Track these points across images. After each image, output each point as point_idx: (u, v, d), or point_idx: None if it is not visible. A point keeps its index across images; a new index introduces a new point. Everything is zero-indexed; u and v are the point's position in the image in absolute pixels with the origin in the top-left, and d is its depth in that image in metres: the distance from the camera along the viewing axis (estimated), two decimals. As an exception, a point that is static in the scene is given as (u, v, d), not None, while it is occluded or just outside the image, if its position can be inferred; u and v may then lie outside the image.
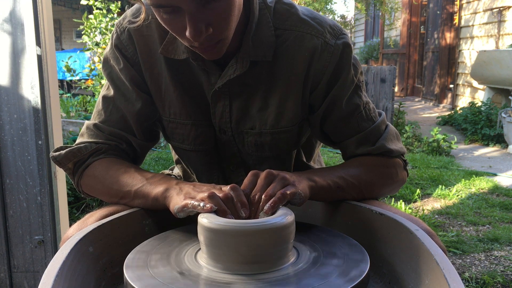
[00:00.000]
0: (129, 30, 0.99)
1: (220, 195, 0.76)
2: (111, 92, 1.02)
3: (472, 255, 2.46)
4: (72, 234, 0.89)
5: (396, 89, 7.77)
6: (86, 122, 1.05)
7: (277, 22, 0.95)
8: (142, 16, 0.94)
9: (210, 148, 1.05)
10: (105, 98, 1.03)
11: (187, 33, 0.78)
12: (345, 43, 0.96)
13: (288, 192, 0.77)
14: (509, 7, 6.23)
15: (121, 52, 1.00)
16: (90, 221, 0.90)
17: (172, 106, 1.02)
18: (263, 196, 0.77)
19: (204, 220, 0.70)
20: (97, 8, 5.16)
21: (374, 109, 1.04)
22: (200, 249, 0.74)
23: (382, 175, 1.00)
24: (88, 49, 5.59)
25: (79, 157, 0.99)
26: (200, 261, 0.72)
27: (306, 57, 0.95)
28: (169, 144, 1.15)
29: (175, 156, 1.21)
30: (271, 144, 1.02)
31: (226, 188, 0.78)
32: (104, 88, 1.05)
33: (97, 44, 5.43)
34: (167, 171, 1.29)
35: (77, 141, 1.03)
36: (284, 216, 0.71)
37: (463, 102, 7.53)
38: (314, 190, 0.86)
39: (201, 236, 0.71)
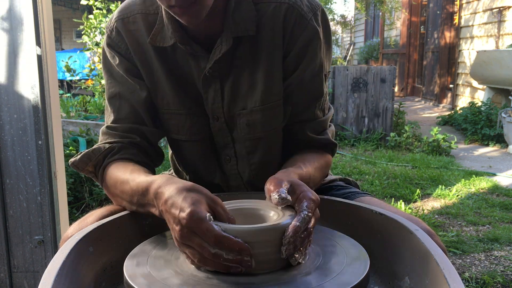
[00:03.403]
0: (117, 27, 1.02)
1: (208, 256, 0.66)
2: (116, 90, 1.03)
3: (472, 255, 2.46)
4: (72, 233, 0.89)
5: (396, 89, 7.77)
6: (102, 128, 1.04)
7: None
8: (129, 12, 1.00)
9: (205, 138, 1.06)
10: (111, 98, 1.04)
11: None
12: (322, 17, 0.99)
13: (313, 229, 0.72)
14: (509, 7, 6.23)
15: (114, 49, 1.03)
16: (90, 220, 0.90)
17: (165, 96, 1.03)
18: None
19: None
20: (97, 8, 5.16)
21: (327, 102, 1.08)
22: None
23: (326, 170, 1.06)
24: (88, 49, 5.60)
25: (94, 160, 0.97)
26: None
27: (282, 25, 0.97)
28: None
29: (171, 159, 1.21)
30: (263, 121, 1.03)
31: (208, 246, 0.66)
32: (107, 91, 1.05)
33: (97, 44, 5.43)
34: (167, 172, 1.29)
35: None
36: (290, 219, 0.71)
37: (463, 102, 7.53)
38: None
39: None
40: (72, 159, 0.99)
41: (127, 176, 0.89)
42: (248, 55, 0.98)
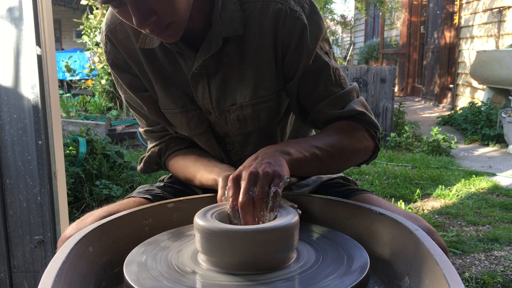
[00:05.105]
0: (109, 39, 1.05)
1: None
2: (131, 102, 1.13)
3: (472, 255, 2.46)
4: (70, 233, 0.90)
5: (396, 89, 7.77)
6: (140, 129, 1.20)
7: None
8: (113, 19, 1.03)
9: (206, 130, 1.09)
10: (131, 109, 1.15)
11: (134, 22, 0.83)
12: (310, 9, 0.98)
13: (279, 191, 0.75)
14: (509, 7, 6.23)
15: (113, 63, 1.08)
16: (89, 221, 0.91)
17: (159, 98, 1.07)
18: (256, 203, 0.74)
19: (202, 222, 0.70)
20: (97, 8, 5.16)
21: (345, 77, 1.04)
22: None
23: (352, 139, 0.99)
24: (88, 49, 5.60)
25: (154, 163, 1.18)
26: (200, 261, 0.72)
27: (273, 23, 0.96)
28: None
29: None
30: (253, 117, 1.03)
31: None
32: (124, 96, 1.15)
33: (97, 44, 5.44)
34: None
35: (148, 146, 1.20)
36: (291, 218, 0.71)
37: (463, 102, 7.53)
38: (290, 164, 0.84)
39: (198, 237, 0.71)
40: (139, 168, 1.20)
41: (187, 172, 1.07)
42: (236, 53, 0.99)
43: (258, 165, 0.78)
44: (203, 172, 1.00)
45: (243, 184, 0.75)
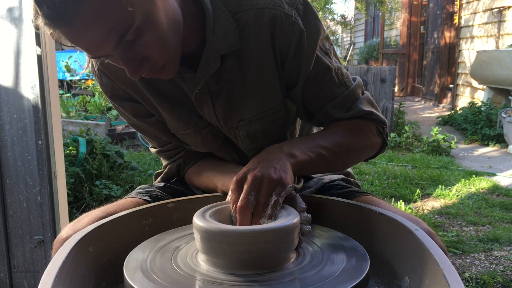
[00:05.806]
0: (102, 72, 1.01)
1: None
2: (138, 127, 1.11)
3: (472, 255, 2.46)
4: (67, 233, 0.89)
5: (396, 89, 7.77)
6: (151, 149, 1.18)
7: (233, 7, 0.93)
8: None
9: (223, 144, 1.07)
10: (138, 130, 1.12)
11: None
12: (305, 9, 0.94)
13: (281, 200, 0.75)
14: (509, 7, 6.23)
15: (112, 95, 1.04)
16: (85, 221, 0.90)
17: (168, 121, 1.05)
18: (256, 210, 0.75)
19: (201, 223, 0.70)
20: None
21: (348, 75, 1.01)
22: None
23: (360, 137, 0.98)
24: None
25: (172, 176, 1.17)
26: (200, 261, 0.72)
27: (269, 31, 0.92)
28: None
29: None
30: (263, 130, 1.01)
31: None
32: (129, 122, 1.11)
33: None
34: None
35: (163, 163, 1.18)
36: (292, 219, 0.71)
37: (463, 102, 7.53)
38: (295, 167, 0.83)
39: (198, 238, 0.71)
40: (155, 183, 1.18)
41: (208, 182, 1.04)
42: (235, 67, 0.95)
43: (264, 169, 0.78)
44: (223, 180, 0.98)
45: (245, 188, 0.75)
